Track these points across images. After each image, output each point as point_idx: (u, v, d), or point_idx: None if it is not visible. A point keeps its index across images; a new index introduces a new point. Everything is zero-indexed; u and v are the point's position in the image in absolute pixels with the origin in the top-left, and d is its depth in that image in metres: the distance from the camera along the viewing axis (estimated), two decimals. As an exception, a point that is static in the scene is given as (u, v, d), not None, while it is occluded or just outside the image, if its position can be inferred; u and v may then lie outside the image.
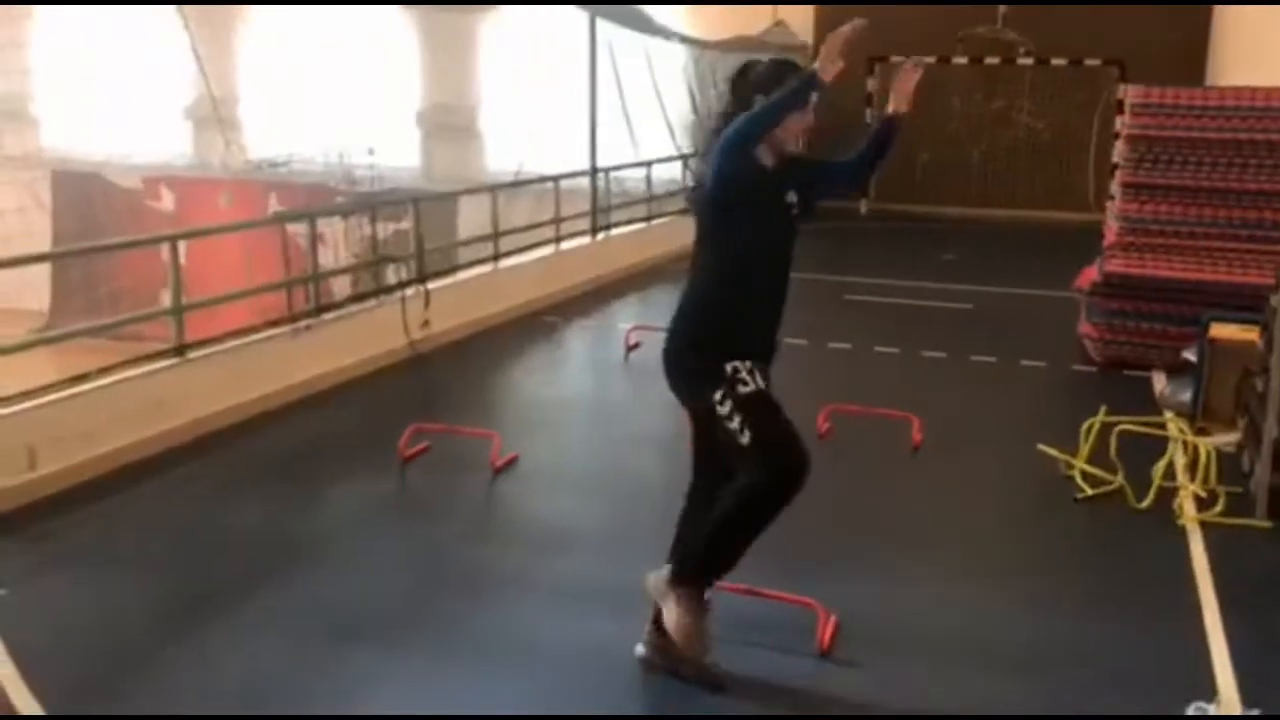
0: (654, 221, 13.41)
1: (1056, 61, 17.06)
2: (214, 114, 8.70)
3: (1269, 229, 7.98)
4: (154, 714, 3.88)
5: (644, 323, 9.58)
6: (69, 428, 5.80)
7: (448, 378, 8.28)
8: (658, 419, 7.64)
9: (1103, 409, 6.27)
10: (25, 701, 3.86)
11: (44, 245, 15.58)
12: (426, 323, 8.55)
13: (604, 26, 12.06)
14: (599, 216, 12.10)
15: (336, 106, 13.09)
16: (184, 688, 4.03)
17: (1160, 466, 5.90)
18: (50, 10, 17.34)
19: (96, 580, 4.90)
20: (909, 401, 7.08)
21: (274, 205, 14.48)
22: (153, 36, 15.63)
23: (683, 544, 4.20)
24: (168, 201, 17.86)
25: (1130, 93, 8.56)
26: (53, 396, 5.84)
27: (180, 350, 6.58)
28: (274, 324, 7.38)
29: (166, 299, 6.64)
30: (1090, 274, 8.73)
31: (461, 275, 9.56)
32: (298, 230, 8.61)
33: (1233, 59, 15.27)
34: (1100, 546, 5.48)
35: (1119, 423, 6.07)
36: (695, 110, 15.65)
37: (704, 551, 4.01)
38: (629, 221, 12.95)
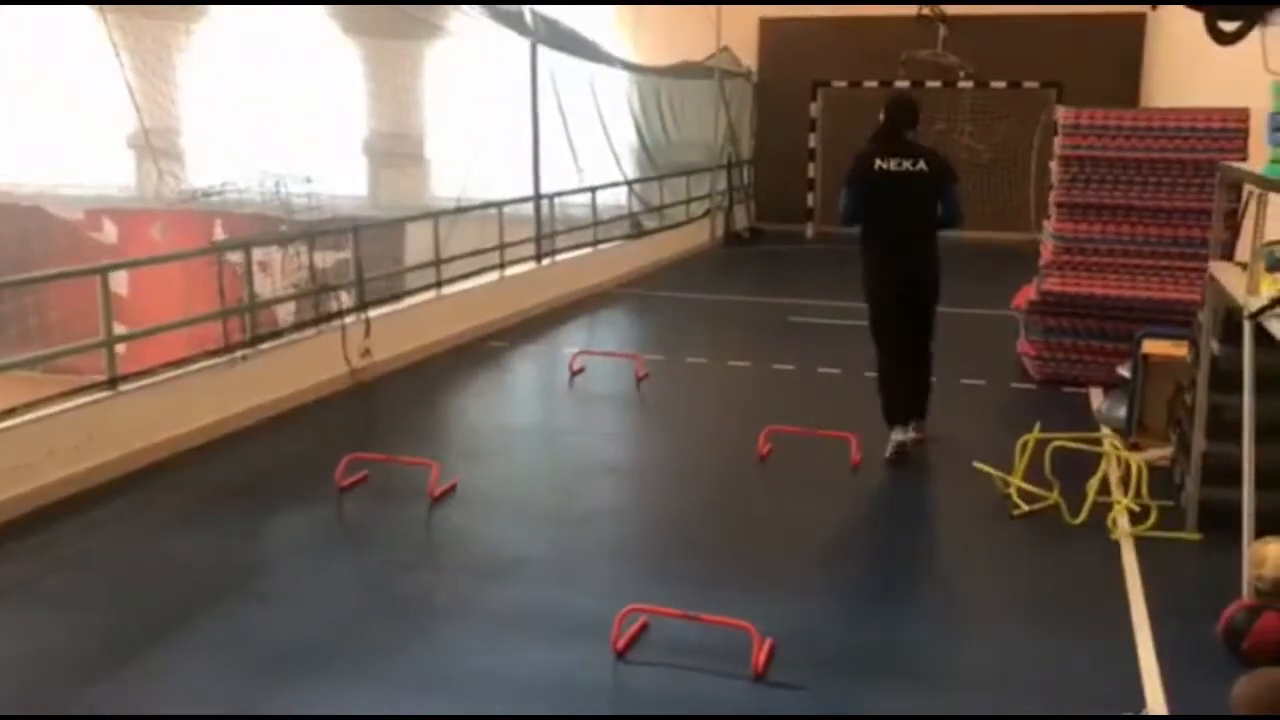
0: (599, 247, 13.44)
1: (996, 84, 17.34)
2: (146, 143, 8.58)
3: (1198, 246, 8.12)
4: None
5: (588, 348, 9.61)
6: (2, 462, 5.68)
7: (389, 406, 8.23)
8: (601, 444, 7.68)
9: (1036, 426, 6.35)
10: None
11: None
12: (367, 351, 8.48)
13: (546, 53, 12.10)
14: (543, 242, 12.10)
15: (278, 135, 13.00)
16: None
17: (1094, 482, 5.98)
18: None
19: (29, 617, 4.81)
20: (849, 421, 7.12)
21: (218, 235, 14.35)
22: (92, 65, 15.48)
23: (911, 400, 7.04)
24: (110, 233, 17.65)
25: (1062, 114, 8.71)
26: (-19, 431, 5.73)
27: (113, 382, 6.48)
28: (211, 354, 7.29)
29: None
30: (1028, 293, 8.85)
31: (404, 303, 9.50)
32: (239, 260, 8.51)
33: (1165, 79, 15.60)
34: (1035, 562, 5.53)
35: (1054, 439, 6.15)
36: (639, 136, 15.73)
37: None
38: (574, 247, 12.96)
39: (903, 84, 17.64)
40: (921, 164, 6.79)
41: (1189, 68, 12.98)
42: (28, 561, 5.37)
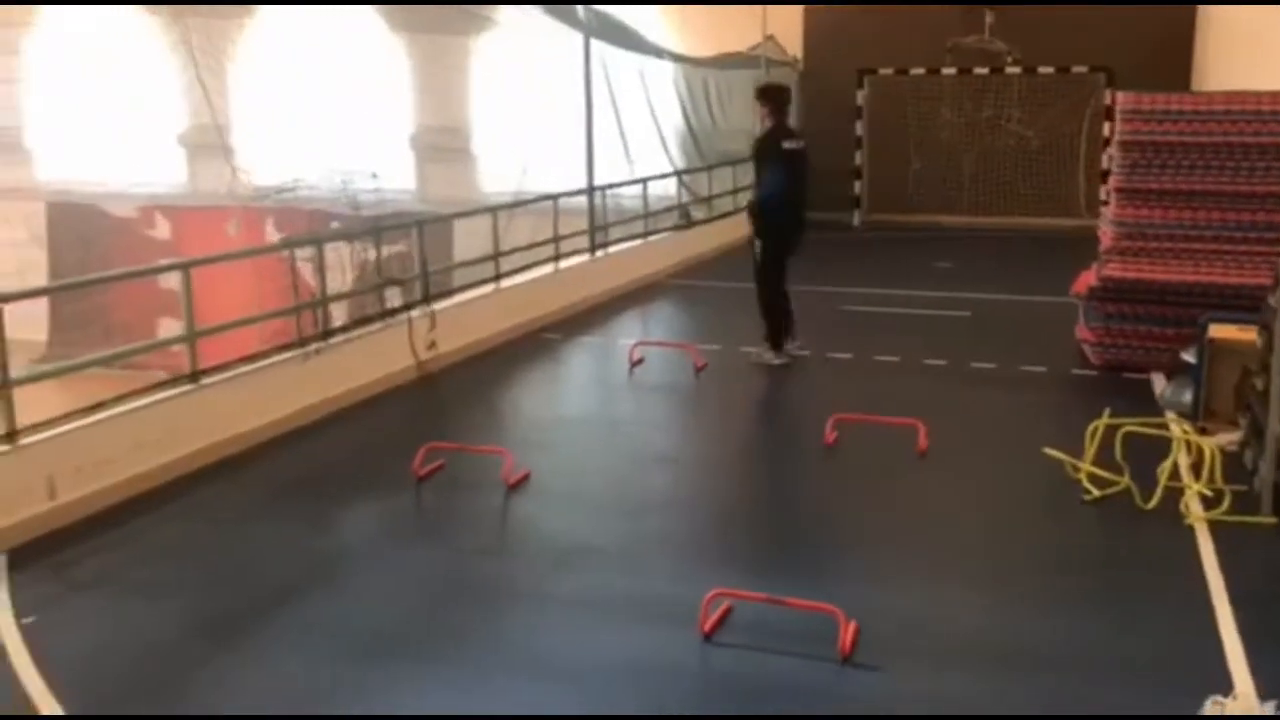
0: (651, 238, 13.51)
1: (1044, 69, 17.23)
2: (219, 141, 8.76)
3: (1263, 230, 8.09)
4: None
5: (645, 339, 9.69)
6: (87, 456, 5.86)
7: (455, 397, 8.35)
8: (666, 433, 7.77)
9: (1106, 411, 6.36)
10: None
11: (41, 277, 15.68)
12: (433, 343, 8.62)
13: (597, 46, 12.17)
14: (597, 234, 12.18)
15: (333, 131, 13.17)
16: (210, 708, 4.09)
17: (1165, 467, 5.98)
18: (41, 40, 17.44)
19: (121, 605, 4.96)
20: (912, 409, 7.17)
21: (271, 231, 14.56)
22: (146, 64, 15.73)
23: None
24: (163, 230, 17.94)
25: (1120, 99, 8.68)
26: (70, 426, 5.90)
27: (194, 377, 6.64)
28: (284, 349, 7.44)
29: (165, 328, 6.69)
30: (1087, 279, 8.83)
31: (465, 295, 9.63)
32: (300, 255, 8.67)
33: (1216, 61, 15.45)
34: (1110, 546, 5.56)
35: (1123, 425, 6.16)
36: (689, 126, 15.77)
37: None
38: (627, 238, 13.05)
39: (949, 70, 17.61)
40: (801, 142, 9.02)
41: (1244, 51, 12.87)
42: (117, 552, 5.53)
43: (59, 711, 4.01)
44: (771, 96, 9.04)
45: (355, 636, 4.60)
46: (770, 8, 16.92)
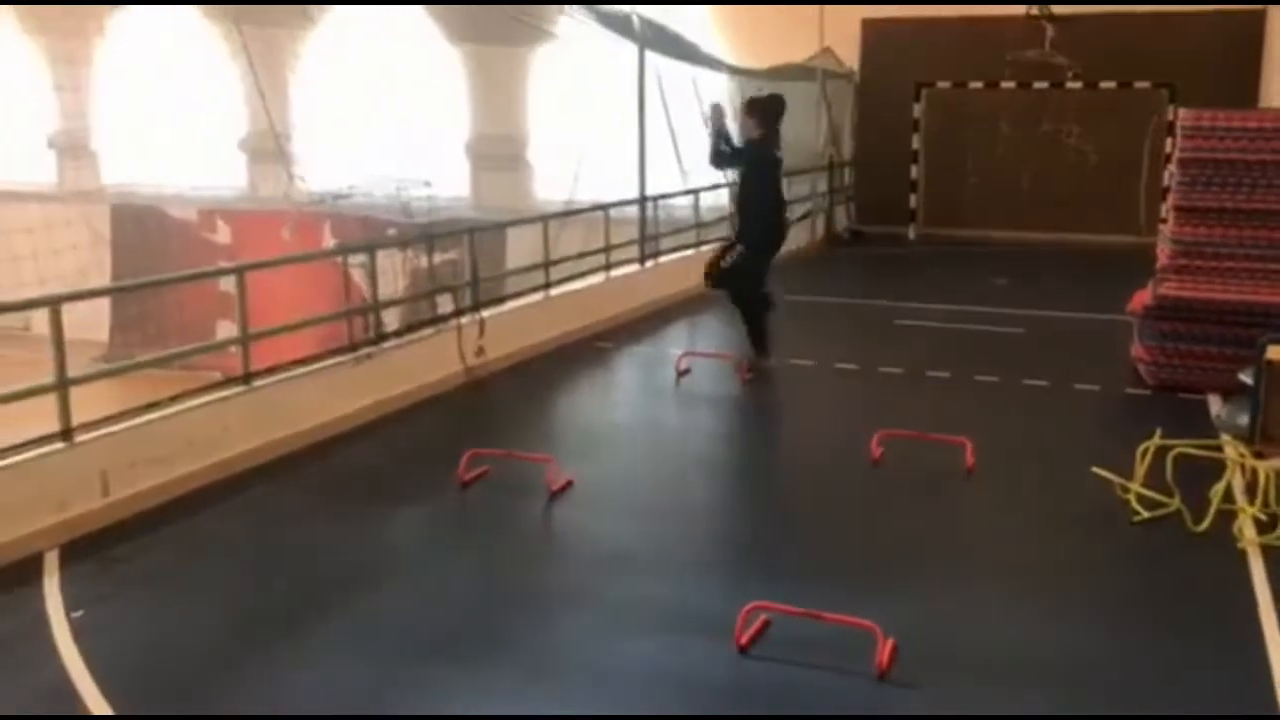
0: (702, 248, 13.49)
1: (1105, 84, 17.00)
2: (276, 147, 8.91)
3: (1325, 250, 7.94)
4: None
5: (692, 349, 9.69)
6: (141, 454, 5.97)
7: (502, 404, 8.40)
8: (710, 444, 7.77)
9: (1158, 432, 6.26)
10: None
11: (105, 278, 16.04)
12: (481, 350, 8.69)
13: (652, 57, 12.21)
14: (647, 244, 12.21)
15: (389, 138, 13.36)
16: (255, 707, 4.14)
17: (1218, 489, 5.87)
18: (109, 48, 17.86)
19: (169, 602, 5.05)
20: (962, 426, 7.10)
21: (328, 237, 14.77)
22: (209, 72, 16.06)
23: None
24: (223, 234, 18.26)
25: (1181, 115, 8.56)
26: (125, 424, 6.02)
27: (247, 378, 6.75)
28: (335, 353, 7.54)
29: (223, 330, 6.81)
30: (1143, 297, 8.70)
31: (514, 303, 9.70)
32: (353, 261, 8.79)
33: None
34: (1159, 569, 5.47)
35: (1174, 446, 6.06)
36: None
37: None
38: (677, 249, 13.05)
39: (1008, 85, 17.44)
40: (783, 152, 9.35)
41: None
42: (167, 549, 5.63)
43: (105, 708, 4.09)
44: (760, 109, 9.18)
45: (398, 638, 4.64)
46: (828, 19, 16.88)
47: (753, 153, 9.09)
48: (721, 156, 9.11)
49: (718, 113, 9.20)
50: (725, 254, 9.09)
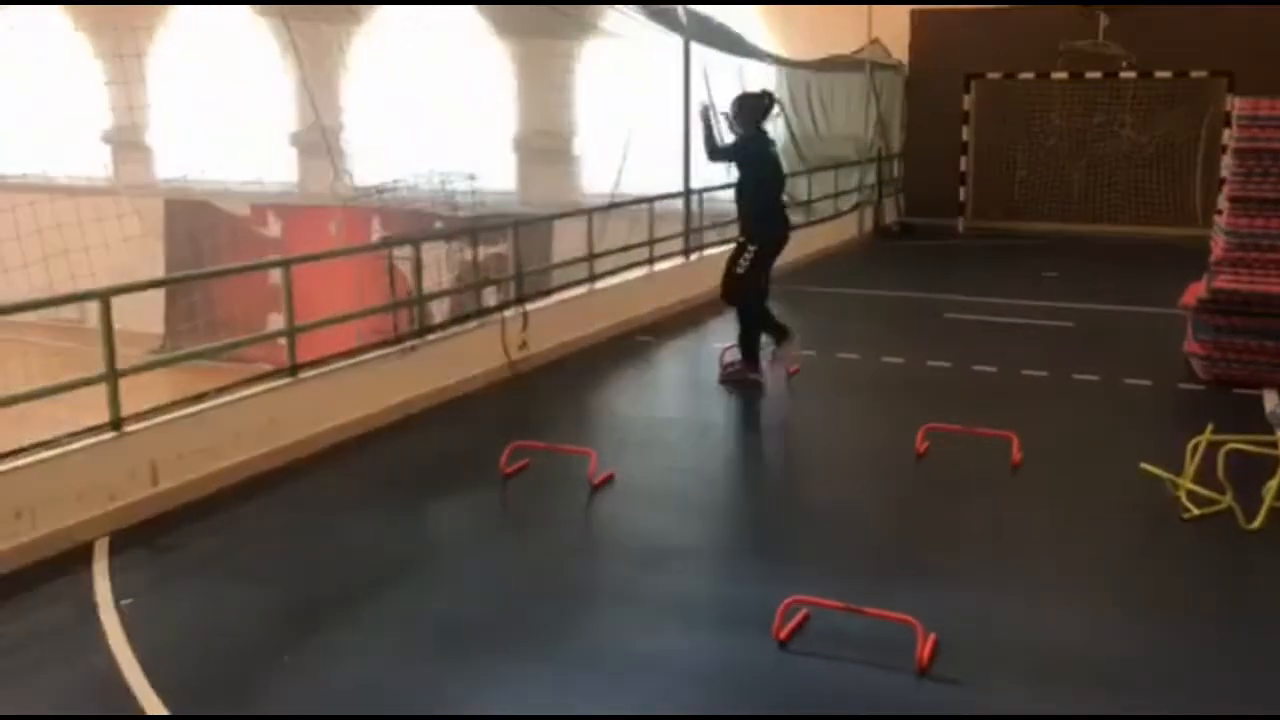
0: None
1: (1161, 74, 16.69)
2: (323, 142, 8.98)
3: (1385, 242, 7.74)
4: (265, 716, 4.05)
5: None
6: (189, 445, 6.06)
7: (545, 397, 8.43)
8: (754, 438, 7.74)
9: (1209, 427, 6.14)
10: (151, 704, 4.07)
11: (159, 271, 16.29)
12: (525, 343, 8.72)
13: (697, 49, 12.17)
14: (691, 237, 12.18)
15: (436, 133, 13.43)
16: (302, 694, 4.19)
17: (1271, 486, 5.75)
18: (164, 43, 18.12)
19: (216, 591, 5.12)
20: (1009, 420, 7.01)
21: (377, 230, 14.90)
22: (261, 67, 16.24)
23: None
24: (275, 228, 18.50)
25: (1238, 105, 8.38)
26: (173, 415, 6.11)
27: (294, 370, 6.83)
28: (380, 345, 7.60)
29: (273, 322, 6.88)
30: (1197, 290, 8.55)
31: (558, 296, 9.72)
32: (399, 254, 8.85)
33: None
34: (1209, 566, 5.37)
35: (1227, 441, 5.94)
36: (789, 129, 15.65)
37: None
38: (721, 242, 12.99)
39: (1060, 75, 17.19)
40: (777, 147, 9.58)
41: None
42: (214, 539, 5.71)
43: (152, 695, 4.15)
44: (747, 106, 8.79)
45: (441, 629, 4.67)
46: (876, 11, 16.74)
47: (745, 149, 8.78)
48: (716, 152, 8.85)
49: (705, 112, 9.00)
50: (738, 258, 8.61)
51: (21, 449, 5.43)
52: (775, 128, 15.19)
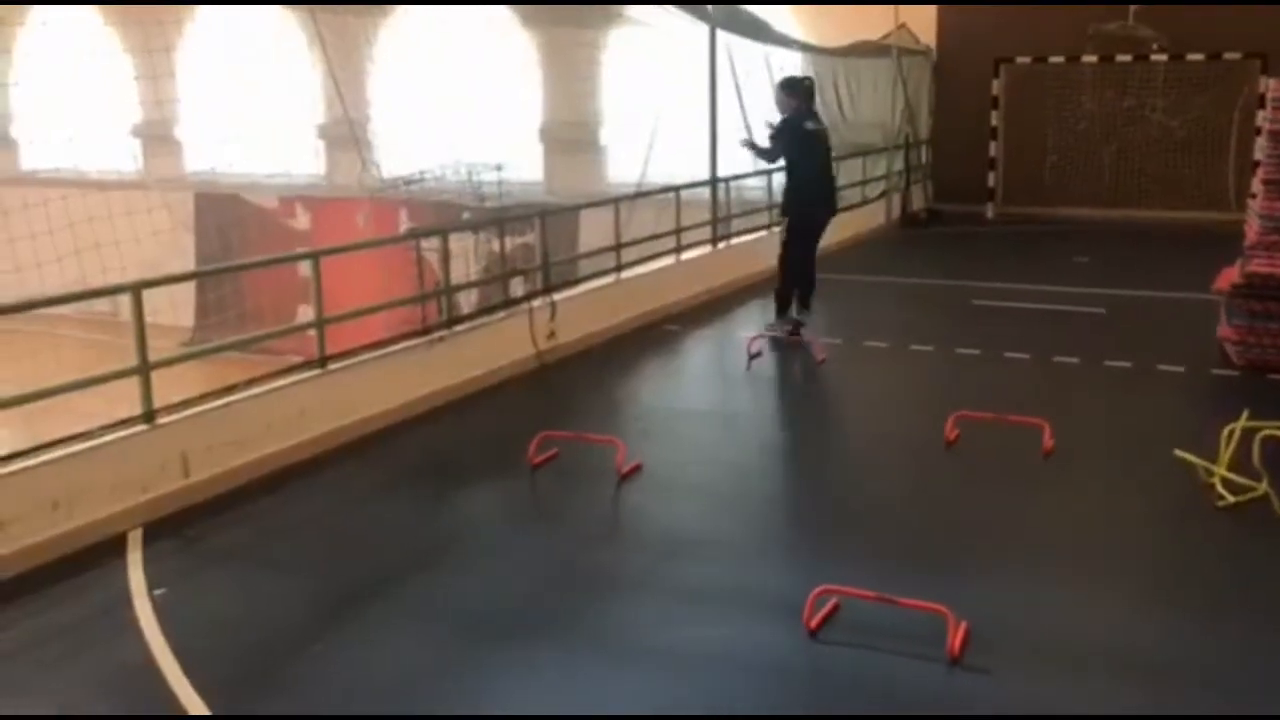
0: (774, 229, 13.37)
1: (1193, 57, 16.48)
2: (351, 134, 9.01)
3: None
4: (300, 713, 4.07)
5: (765, 332, 9.63)
6: (220, 436, 6.10)
7: (572, 387, 8.43)
8: (782, 427, 7.72)
9: (1245, 414, 6.07)
10: (185, 693, 4.11)
11: (189, 264, 16.41)
12: (552, 333, 8.72)
13: (724, 36, 12.12)
14: (719, 226, 12.15)
15: (462, 125, 13.45)
16: (333, 683, 4.22)
17: (1308, 473, 5.69)
18: (193, 36, 18.23)
19: (247, 580, 5.17)
20: (1040, 408, 6.97)
21: (404, 222, 14.92)
22: (289, 60, 16.29)
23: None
24: (303, 220, 18.57)
25: (1272, 86, 8.27)
26: (204, 407, 6.16)
27: (323, 362, 6.86)
28: (408, 336, 7.63)
29: (303, 314, 6.91)
30: (1231, 275, 8.45)
31: (585, 286, 9.71)
32: (427, 246, 8.87)
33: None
34: (1243, 554, 5.31)
35: (1262, 428, 5.87)
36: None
37: None
38: (749, 231, 12.96)
39: (1090, 59, 17.01)
40: (824, 123, 9.96)
41: None
42: (249, 527, 5.76)
43: (186, 684, 4.18)
44: (784, 87, 9.67)
45: (470, 618, 4.69)
46: (904, -5, 16.62)
47: (781, 132, 9.43)
48: (766, 153, 9.64)
49: (746, 144, 10.09)
50: (782, 231, 9.62)
51: (57, 441, 5.48)
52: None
